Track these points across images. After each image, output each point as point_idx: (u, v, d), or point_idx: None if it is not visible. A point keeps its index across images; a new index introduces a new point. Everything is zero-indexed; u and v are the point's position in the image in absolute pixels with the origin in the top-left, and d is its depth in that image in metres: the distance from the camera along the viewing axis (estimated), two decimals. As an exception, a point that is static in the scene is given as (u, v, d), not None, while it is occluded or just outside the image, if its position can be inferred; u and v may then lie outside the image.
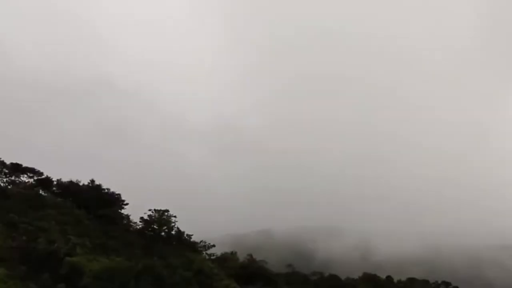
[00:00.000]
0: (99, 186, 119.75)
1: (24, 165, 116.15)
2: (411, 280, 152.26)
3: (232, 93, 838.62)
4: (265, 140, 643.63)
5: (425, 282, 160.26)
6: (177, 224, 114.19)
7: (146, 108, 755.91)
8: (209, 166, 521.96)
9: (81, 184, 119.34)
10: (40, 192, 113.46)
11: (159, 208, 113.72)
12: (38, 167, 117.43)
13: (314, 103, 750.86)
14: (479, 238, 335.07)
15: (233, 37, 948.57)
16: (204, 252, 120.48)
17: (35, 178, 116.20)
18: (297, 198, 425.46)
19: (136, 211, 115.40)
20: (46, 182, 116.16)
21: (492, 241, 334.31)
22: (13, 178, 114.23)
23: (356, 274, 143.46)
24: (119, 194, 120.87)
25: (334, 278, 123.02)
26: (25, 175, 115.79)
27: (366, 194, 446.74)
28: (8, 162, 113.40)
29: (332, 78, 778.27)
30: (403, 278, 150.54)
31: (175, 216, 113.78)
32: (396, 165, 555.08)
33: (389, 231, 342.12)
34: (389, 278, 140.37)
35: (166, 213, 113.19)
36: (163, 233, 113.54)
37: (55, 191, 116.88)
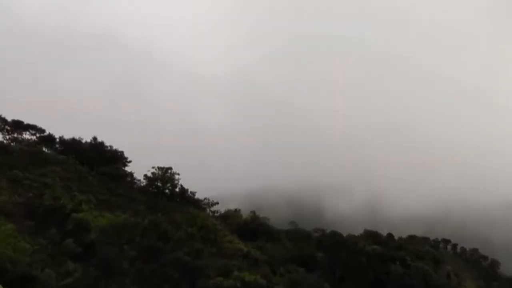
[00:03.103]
0: (101, 143, 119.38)
1: (27, 122, 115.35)
2: (412, 237, 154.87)
3: (247, 49, 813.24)
4: (278, 97, 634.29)
5: (425, 239, 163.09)
6: (180, 181, 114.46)
7: (155, 64, 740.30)
8: (221, 122, 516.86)
9: (83, 141, 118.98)
10: (43, 149, 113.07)
11: (162, 166, 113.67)
12: (41, 125, 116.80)
13: (329, 63, 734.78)
14: (486, 196, 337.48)
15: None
16: (208, 209, 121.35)
17: (37, 135, 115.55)
18: (306, 155, 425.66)
19: (145, 170, 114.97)
20: (48, 139, 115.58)
21: (499, 199, 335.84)
22: (15, 135, 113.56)
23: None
24: (122, 152, 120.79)
25: (335, 234, 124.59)
26: (27, 132, 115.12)
27: (374, 153, 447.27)
28: (9, 119, 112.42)
29: (348, 38, 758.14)
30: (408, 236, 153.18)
31: (178, 174, 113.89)
32: (404, 127, 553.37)
33: (397, 189, 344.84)
34: (389, 235, 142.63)
35: (169, 171, 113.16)
36: (166, 190, 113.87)
37: (58, 148, 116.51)
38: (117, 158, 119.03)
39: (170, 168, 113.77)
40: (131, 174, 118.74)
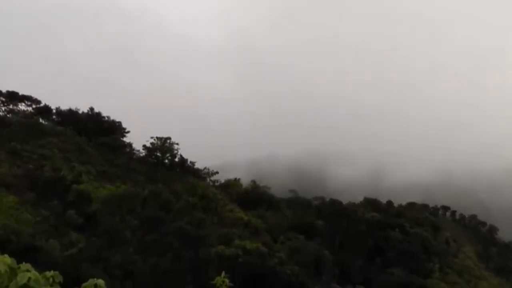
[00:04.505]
0: (98, 114, 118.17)
1: (26, 92, 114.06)
2: (411, 205, 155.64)
3: (245, 11, 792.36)
4: (278, 61, 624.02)
5: (424, 206, 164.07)
6: (180, 151, 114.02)
7: (154, 30, 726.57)
8: (221, 89, 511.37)
9: (80, 112, 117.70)
10: (40, 120, 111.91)
11: (161, 136, 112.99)
12: (41, 94, 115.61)
13: (331, 25, 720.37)
14: (485, 163, 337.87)
15: None
16: (208, 179, 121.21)
17: (33, 106, 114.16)
18: (308, 123, 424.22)
19: (144, 139, 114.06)
20: (45, 110, 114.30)
21: (498, 166, 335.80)
22: (10, 106, 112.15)
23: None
24: (119, 122, 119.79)
25: (335, 202, 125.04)
26: (23, 104, 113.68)
27: (376, 121, 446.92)
28: (6, 89, 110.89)
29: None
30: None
31: (177, 144, 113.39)
32: (409, 93, 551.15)
33: (399, 157, 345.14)
34: (389, 202, 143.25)
35: (168, 141, 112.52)
36: (166, 160, 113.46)
37: (55, 119, 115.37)
38: (115, 129, 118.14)
39: (169, 138, 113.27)
40: (129, 144, 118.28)
